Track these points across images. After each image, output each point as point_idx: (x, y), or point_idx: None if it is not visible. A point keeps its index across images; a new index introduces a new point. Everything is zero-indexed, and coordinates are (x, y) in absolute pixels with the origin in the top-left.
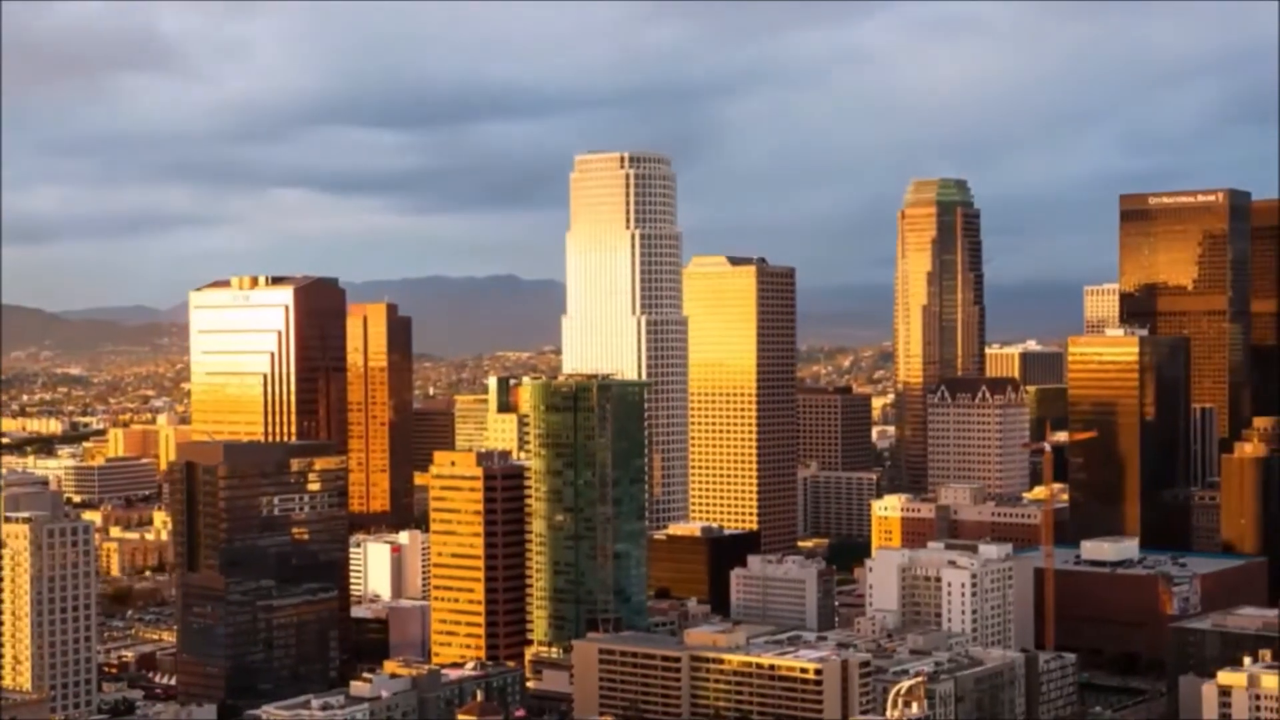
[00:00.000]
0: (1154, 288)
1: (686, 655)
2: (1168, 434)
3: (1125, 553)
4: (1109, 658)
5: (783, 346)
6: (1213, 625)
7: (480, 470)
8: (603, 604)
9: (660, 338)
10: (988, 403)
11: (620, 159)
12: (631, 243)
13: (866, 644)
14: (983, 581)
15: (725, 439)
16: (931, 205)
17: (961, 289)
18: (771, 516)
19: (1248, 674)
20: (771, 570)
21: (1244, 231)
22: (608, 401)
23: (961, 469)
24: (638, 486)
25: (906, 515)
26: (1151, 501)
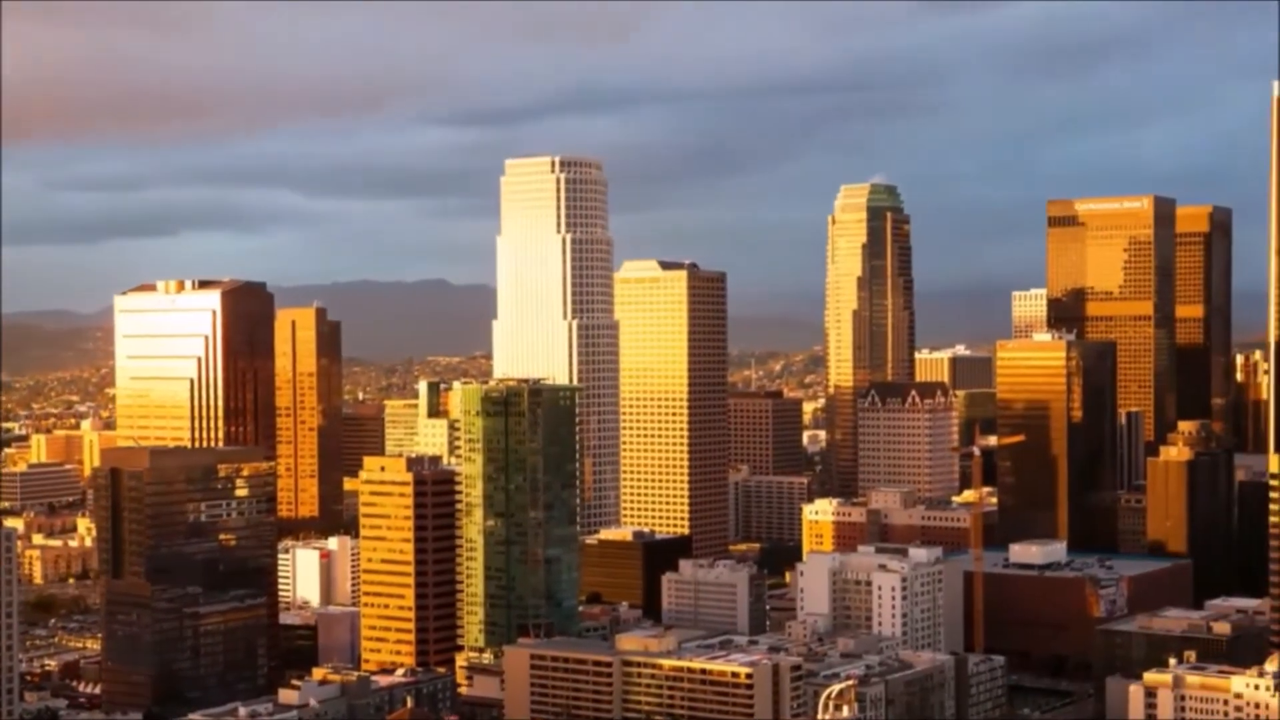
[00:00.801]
0: (1081, 293)
1: (618, 660)
2: (1095, 438)
3: (1053, 556)
4: (1037, 660)
5: (714, 351)
6: (1139, 627)
7: (410, 476)
8: (534, 609)
9: (591, 342)
10: (917, 407)
11: (551, 163)
12: (563, 247)
13: (798, 648)
14: (913, 585)
15: (656, 443)
16: (862, 211)
17: (891, 294)
18: (703, 521)
19: (1173, 675)
20: (703, 575)
21: (1169, 238)
22: (539, 406)
23: (892, 473)
24: (569, 491)
25: (837, 519)
26: (1079, 504)
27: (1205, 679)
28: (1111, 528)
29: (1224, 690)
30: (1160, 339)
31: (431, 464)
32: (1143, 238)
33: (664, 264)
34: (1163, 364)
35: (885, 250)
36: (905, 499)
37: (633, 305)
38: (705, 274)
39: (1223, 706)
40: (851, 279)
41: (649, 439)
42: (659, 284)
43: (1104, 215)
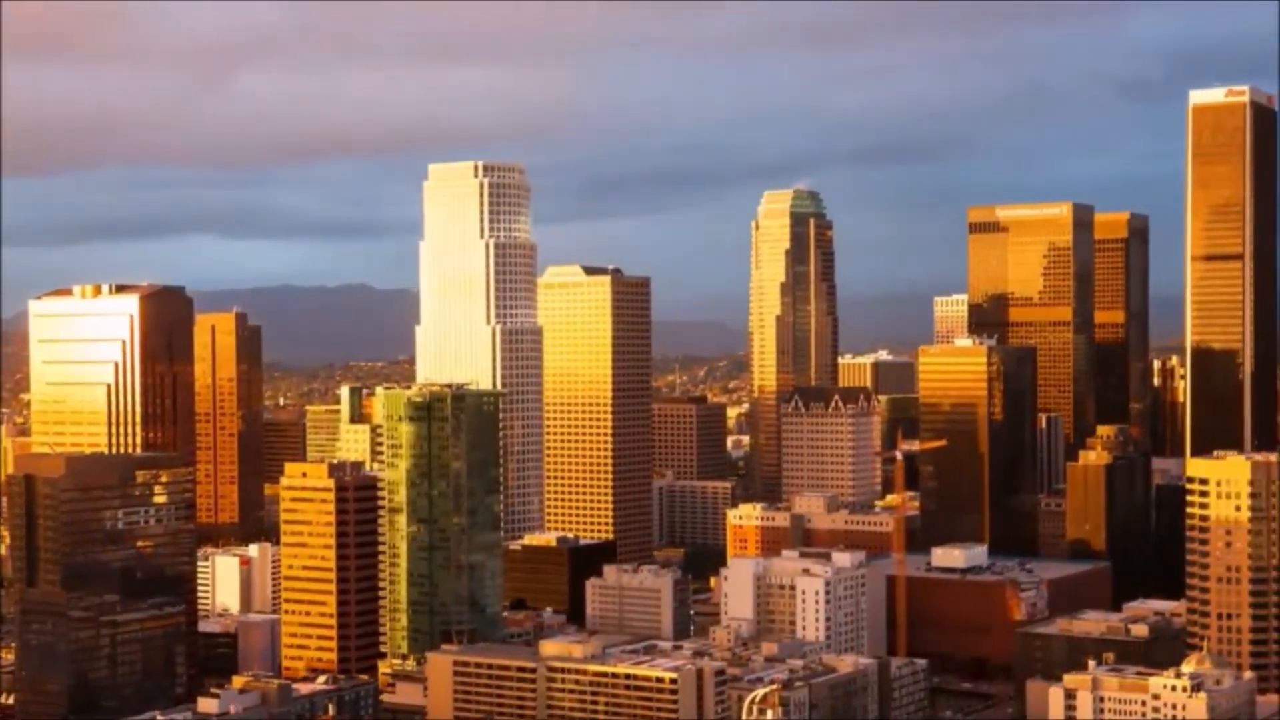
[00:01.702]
0: (1002, 298)
1: (542, 666)
2: (1015, 442)
3: (974, 559)
4: (959, 663)
5: (638, 356)
6: (1059, 629)
7: (332, 481)
8: (457, 615)
9: (515, 347)
10: (840, 412)
11: (474, 168)
12: (486, 252)
13: (722, 653)
14: (836, 589)
15: (580, 449)
16: (785, 216)
17: (815, 299)
18: (627, 526)
19: (1092, 677)
20: (627, 580)
21: (1088, 244)
22: (462, 412)
23: (815, 478)
24: (493, 497)
25: (761, 524)
26: (1000, 508)
27: (1124, 680)
28: (1032, 531)
29: (1142, 691)
30: (1079, 344)
31: (353, 470)
32: (1062, 244)
33: (587, 269)
34: (1081, 368)
35: (808, 256)
36: (828, 503)
37: (556, 310)
38: (629, 279)
39: (1141, 708)
40: (775, 284)
41: (573, 444)
42: (583, 289)
43: (1024, 222)
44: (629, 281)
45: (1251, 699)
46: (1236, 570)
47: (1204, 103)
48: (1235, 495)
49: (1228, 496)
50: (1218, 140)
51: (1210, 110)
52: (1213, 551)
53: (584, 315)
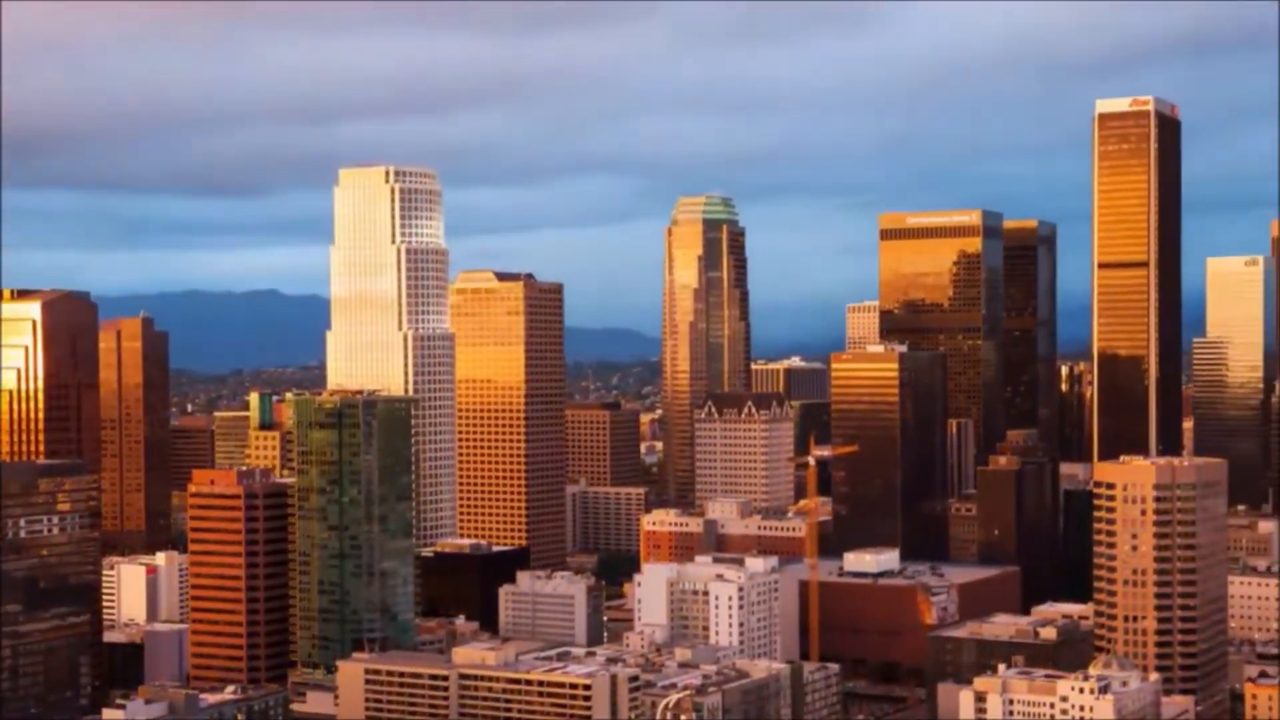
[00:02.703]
0: (912, 305)
1: (454, 673)
2: (926, 447)
3: (886, 564)
4: (871, 667)
5: (551, 362)
6: (969, 633)
7: (241, 489)
8: (369, 623)
9: (427, 353)
10: (753, 418)
11: (385, 172)
12: (397, 257)
13: (635, 658)
14: (749, 594)
15: (493, 455)
16: (698, 222)
17: (727, 305)
18: (540, 533)
19: (1002, 680)
20: (540, 586)
21: (997, 250)
22: (373, 418)
23: (728, 483)
24: (404, 504)
25: (674, 530)
26: (912, 513)
27: (1032, 683)
28: (943, 535)
29: (1050, 694)
30: (989, 350)
31: (263, 477)
32: (971, 250)
33: (500, 275)
34: (991, 374)
35: (721, 262)
36: (742, 509)
37: (469, 316)
38: (542, 285)
39: (1049, 710)
40: (688, 290)
41: (486, 450)
42: (495, 294)
43: (934, 228)
44: (541, 287)
45: (1157, 700)
46: (1142, 573)
47: (1109, 111)
48: (1141, 499)
49: (1134, 501)
50: (1122, 148)
51: (1115, 118)
52: (1119, 555)
53: (497, 321)
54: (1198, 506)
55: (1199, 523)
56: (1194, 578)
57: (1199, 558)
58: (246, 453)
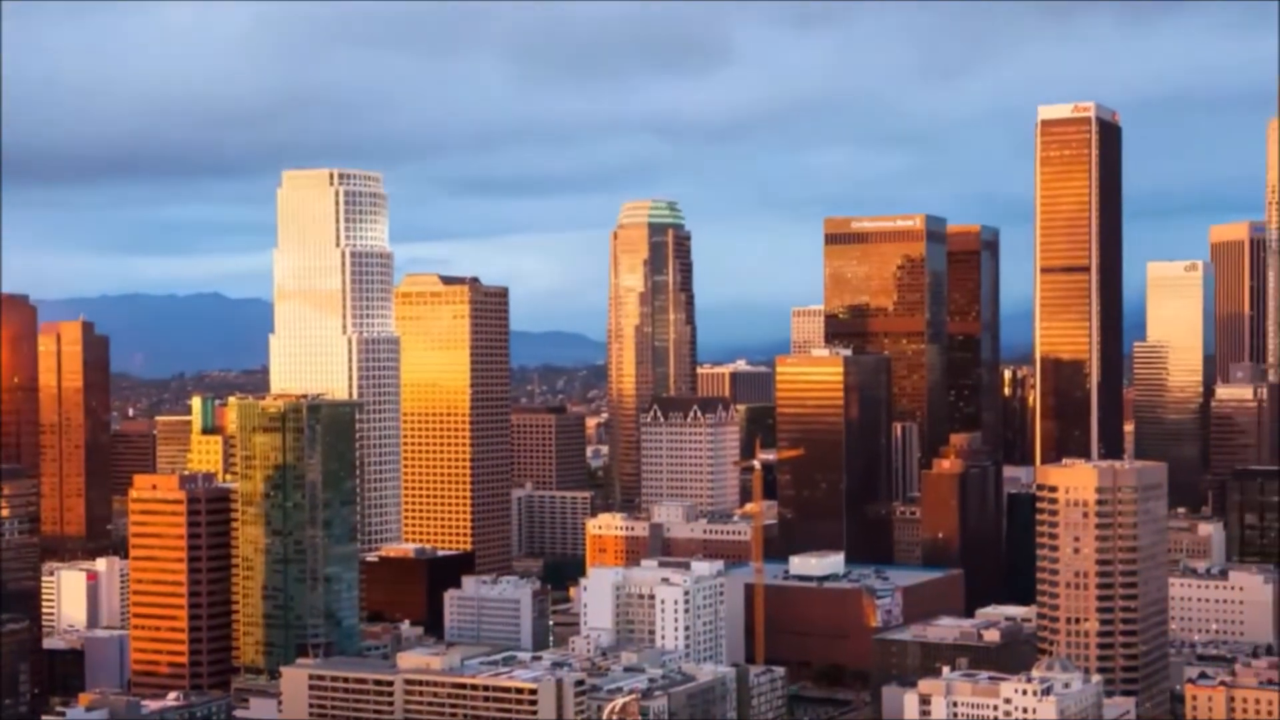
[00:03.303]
0: (857, 309)
1: (399, 679)
2: (871, 451)
3: (831, 567)
4: (817, 670)
5: (496, 366)
6: (913, 636)
7: (183, 494)
8: (313, 629)
9: (371, 357)
10: (699, 421)
11: (330, 175)
12: (341, 260)
13: (581, 662)
14: (695, 598)
15: (438, 459)
16: (644, 226)
17: (673, 309)
18: (486, 537)
19: (946, 683)
20: (486, 591)
21: (941, 255)
22: (317, 422)
23: (674, 487)
24: (349, 508)
25: (620, 534)
26: (857, 516)
27: (976, 686)
28: (888, 539)
29: (994, 696)
30: (933, 354)
31: (206, 481)
32: (915, 255)
33: (445, 278)
34: (935, 378)
35: (667, 266)
36: (687, 513)
37: (414, 320)
38: (487, 288)
39: (993, 712)
40: (634, 294)
41: (431, 454)
42: (440, 298)
43: (878, 233)
44: (487, 291)
45: (1099, 701)
46: (1084, 576)
47: (1051, 118)
48: (1083, 502)
49: (1076, 504)
50: (1064, 155)
51: (1056, 124)
52: (1061, 558)
53: (442, 325)
54: (1139, 509)
55: (1140, 525)
56: (1135, 580)
57: (1140, 560)
58: (189, 457)
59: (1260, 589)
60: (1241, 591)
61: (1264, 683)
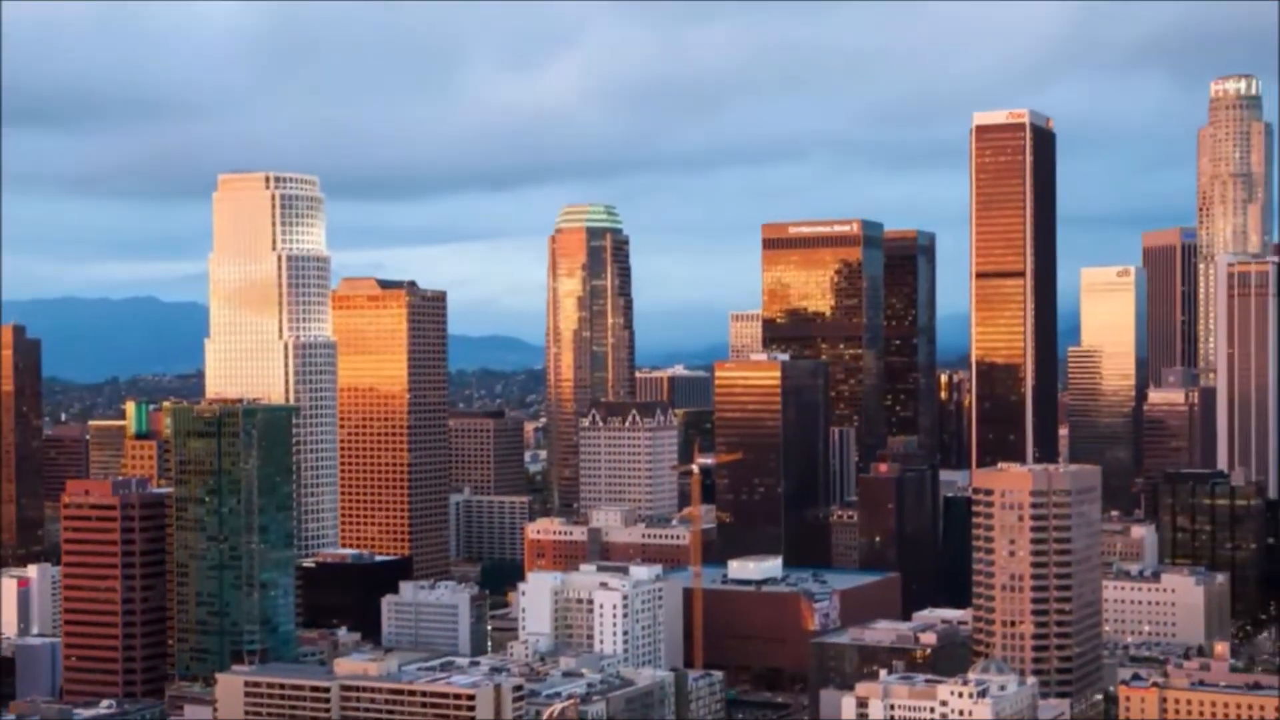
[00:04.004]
0: (795, 313)
1: (336, 685)
2: (809, 455)
3: (769, 571)
4: (755, 673)
5: (434, 370)
6: (851, 639)
7: (117, 499)
8: (249, 635)
9: (308, 361)
10: (638, 426)
11: (266, 179)
12: (278, 264)
13: (519, 668)
14: (634, 603)
15: (376, 464)
16: (582, 230)
17: (611, 314)
18: (423, 542)
19: (883, 685)
20: (423, 596)
21: (878, 260)
22: (253, 427)
23: (612, 491)
24: (285, 514)
25: (559, 538)
26: (794, 520)
27: (913, 689)
28: (825, 542)
29: (931, 698)
30: (870, 358)
31: (140, 487)
32: (852, 260)
33: (382, 283)
34: (872, 383)
35: (605, 270)
36: (626, 517)
37: (351, 324)
38: (425, 293)
39: (930, 714)
40: (572, 298)
41: (368, 459)
42: (378, 302)
43: (815, 238)
44: (424, 295)
45: (1034, 703)
46: (1019, 579)
47: (986, 124)
48: (1018, 506)
49: (1011, 507)
50: (999, 161)
51: (991, 131)
52: (997, 561)
53: (379, 329)
54: (1073, 512)
55: (1074, 528)
56: (1069, 583)
57: (1074, 563)
58: (122, 462)
59: (1192, 591)
60: (1173, 593)
61: (1195, 683)
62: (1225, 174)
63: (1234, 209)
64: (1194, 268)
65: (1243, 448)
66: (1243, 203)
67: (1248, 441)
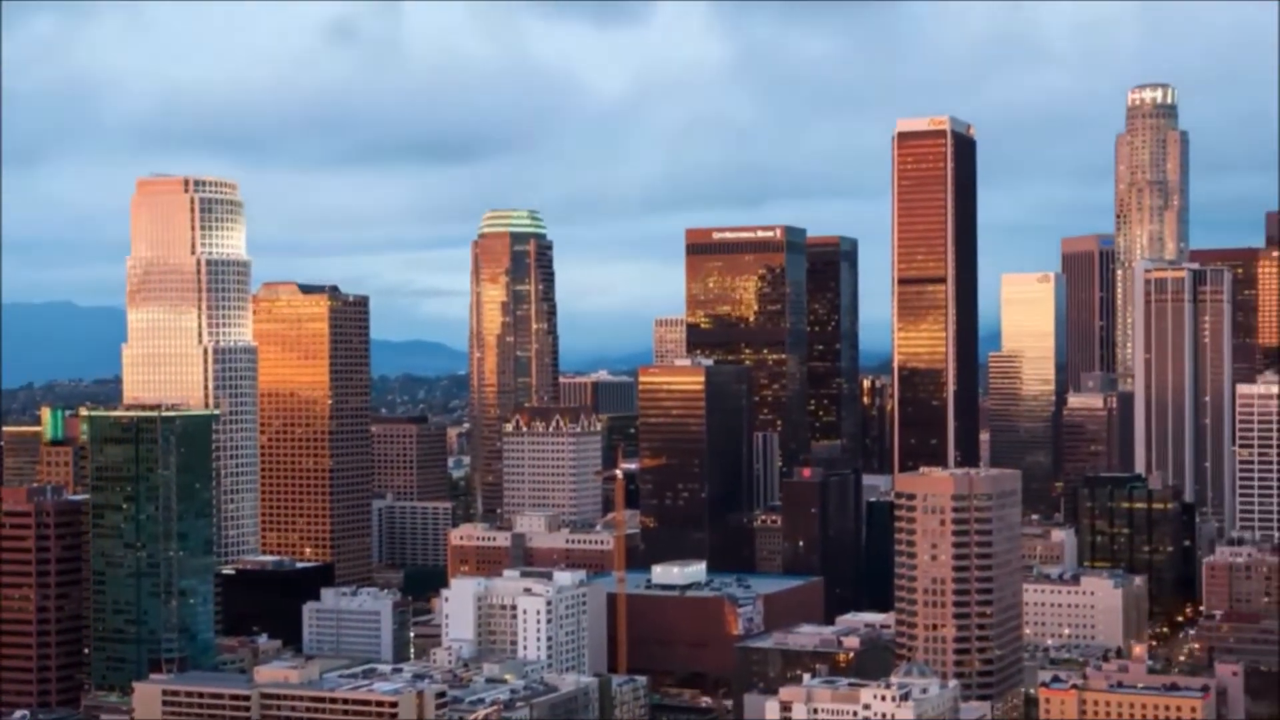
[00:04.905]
0: (719, 319)
1: (256, 693)
2: (732, 460)
3: (693, 576)
4: (679, 678)
5: (356, 375)
6: (775, 643)
7: (31, 506)
8: (167, 643)
9: (228, 366)
10: (561, 431)
11: (184, 182)
12: (197, 269)
13: (443, 674)
14: (557, 608)
15: (298, 470)
16: (506, 235)
17: (535, 319)
18: (346, 548)
19: (806, 689)
20: (345, 603)
21: (801, 266)
22: (172, 433)
23: (536, 497)
24: (205, 520)
25: (482, 544)
26: (718, 525)
27: (836, 692)
28: (749, 547)
29: (853, 702)
30: (793, 364)
31: (55, 494)
32: (776, 265)
33: (304, 287)
34: (795, 388)
35: (529, 275)
36: (550, 523)
37: (272, 328)
38: (347, 297)
39: (852, 718)
40: (495, 304)
41: (290, 465)
42: (299, 307)
43: (739, 243)
44: (346, 300)
45: (955, 705)
46: (941, 582)
47: (908, 130)
48: (940, 510)
49: (933, 511)
50: (920, 167)
51: (913, 137)
52: (919, 565)
53: (300, 334)
54: (994, 516)
55: (995, 532)
56: (990, 586)
57: (995, 566)
58: (38, 469)
59: (1110, 593)
60: (1092, 596)
61: (1114, 685)
62: (1142, 181)
63: (1151, 216)
64: (1112, 274)
65: (1160, 452)
66: (1159, 210)
67: (1165, 446)
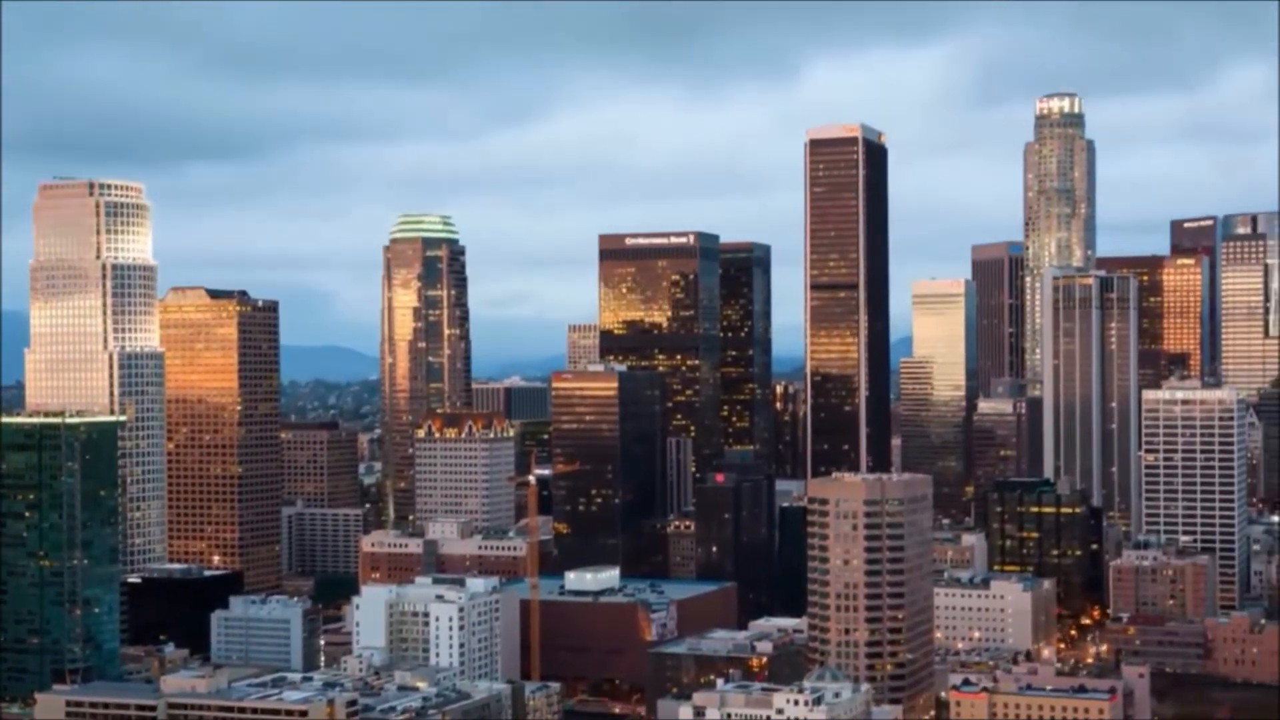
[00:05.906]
0: (632, 325)
1: (163, 703)
2: (645, 466)
3: (606, 582)
4: (592, 684)
5: (265, 381)
6: (688, 649)
7: None
8: (71, 654)
9: (134, 372)
10: (474, 437)
11: (89, 186)
12: (102, 273)
13: (354, 682)
14: (470, 615)
15: (206, 476)
16: (418, 241)
17: (447, 324)
18: (254, 555)
19: (720, 694)
20: (254, 611)
21: (714, 272)
22: (76, 439)
23: (448, 503)
24: (110, 528)
25: (393, 551)
26: (631, 531)
27: (749, 696)
28: (663, 553)
29: (767, 706)
30: (706, 369)
31: None
32: (689, 271)
33: (212, 292)
34: (709, 393)
35: (441, 280)
36: (462, 529)
37: (180, 333)
38: (256, 302)
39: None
40: (407, 309)
41: (197, 471)
42: (207, 312)
43: (652, 250)
44: (256, 305)
45: (868, 709)
46: (854, 587)
47: (820, 138)
48: (852, 515)
49: (845, 516)
50: (832, 174)
51: (825, 145)
52: (832, 570)
53: (209, 339)
54: (905, 521)
55: (907, 537)
56: (902, 590)
57: (907, 571)
58: None
59: (1020, 597)
60: (1003, 600)
61: (1024, 688)
62: (1050, 189)
63: (1058, 223)
64: (1021, 280)
65: (1068, 456)
66: (1066, 217)
67: (1073, 450)
